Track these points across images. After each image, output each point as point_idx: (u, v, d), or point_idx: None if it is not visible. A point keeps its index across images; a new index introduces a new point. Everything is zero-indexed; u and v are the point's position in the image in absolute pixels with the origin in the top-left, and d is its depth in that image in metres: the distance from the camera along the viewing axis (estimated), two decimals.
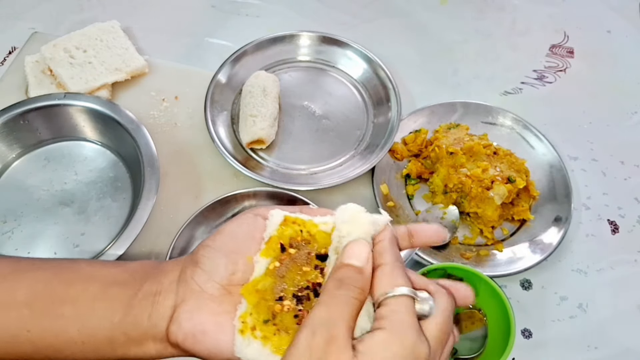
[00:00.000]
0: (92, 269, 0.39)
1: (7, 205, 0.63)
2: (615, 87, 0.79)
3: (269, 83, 0.69)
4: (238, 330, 0.35)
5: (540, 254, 0.61)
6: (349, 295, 0.33)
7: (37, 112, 0.64)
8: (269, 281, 0.36)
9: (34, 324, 0.36)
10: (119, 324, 0.36)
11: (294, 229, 0.38)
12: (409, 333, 0.32)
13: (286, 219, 0.39)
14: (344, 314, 0.32)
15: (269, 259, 0.37)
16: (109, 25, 0.74)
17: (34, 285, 0.37)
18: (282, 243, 0.38)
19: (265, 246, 0.38)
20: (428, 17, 0.85)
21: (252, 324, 0.35)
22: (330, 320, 0.32)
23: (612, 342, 0.59)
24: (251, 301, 0.36)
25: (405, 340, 0.31)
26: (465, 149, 0.63)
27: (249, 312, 0.36)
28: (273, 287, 0.36)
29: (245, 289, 0.37)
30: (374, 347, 0.31)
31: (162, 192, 0.62)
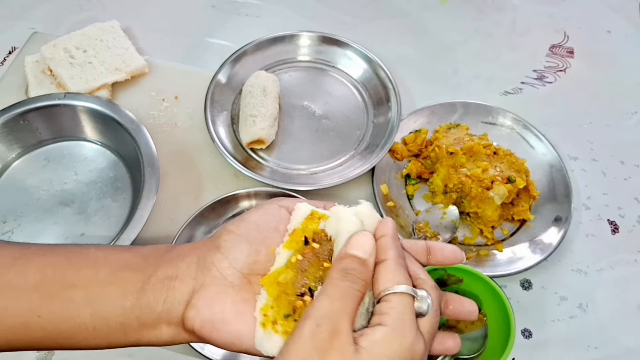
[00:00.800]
0: (102, 253, 0.38)
1: (7, 205, 0.63)
2: (615, 87, 0.79)
3: (269, 83, 0.69)
4: (260, 323, 0.35)
5: (540, 254, 0.61)
6: (352, 287, 0.33)
7: (37, 112, 0.64)
8: (291, 274, 0.36)
9: (45, 308, 0.36)
10: (132, 308, 0.36)
11: (319, 224, 0.38)
12: (408, 331, 0.32)
13: (312, 214, 0.39)
14: (347, 306, 0.32)
15: (291, 251, 0.37)
16: (109, 25, 0.74)
17: (43, 269, 0.36)
18: (306, 236, 0.37)
19: (288, 238, 0.38)
20: (428, 17, 0.85)
21: (273, 318, 0.35)
22: (334, 313, 0.32)
23: (612, 342, 0.59)
24: (272, 293, 0.36)
25: (405, 339, 0.32)
26: (465, 149, 0.63)
27: (270, 304, 0.35)
28: (294, 281, 0.36)
29: (266, 279, 0.36)
30: (375, 344, 0.31)
31: (162, 192, 0.62)
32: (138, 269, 0.37)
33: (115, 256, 0.38)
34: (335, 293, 0.33)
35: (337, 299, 0.33)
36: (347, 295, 0.33)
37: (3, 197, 0.63)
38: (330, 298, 0.33)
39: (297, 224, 0.38)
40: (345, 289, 0.33)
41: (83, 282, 0.36)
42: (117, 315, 0.36)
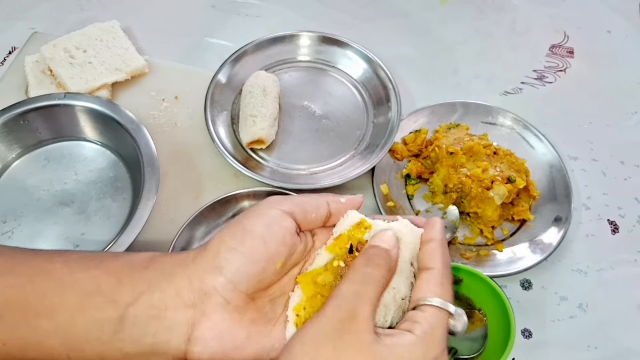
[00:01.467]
0: (69, 271, 0.33)
1: (7, 205, 0.63)
2: (615, 87, 0.79)
3: (269, 83, 0.69)
4: (293, 323, 0.34)
5: (540, 254, 0.61)
6: (375, 273, 0.33)
7: (37, 112, 0.64)
8: (330, 278, 0.36)
9: (9, 336, 0.32)
10: (110, 341, 0.32)
11: (365, 234, 0.37)
12: (436, 346, 0.31)
13: (361, 222, 0.38)
14: (368, 291, 0.32)
15: (333, 255, 0.37)
16: (109, 25, 0.74)
17: (4, 293, 0.33)
18: (352, 244, 0.37)
19: (333, 242, 0.37)
20: (428, 17, 0.85)
21: (305, 317, 0.35)
22: (354, 296, 0.31)
23: (612, 342, 0.59)
24: (307, 292, 0.35)
25: (429, 351, 0.31)
26: (465, 149, 0.63)
27: (302, 304, 0.35)
28: (331, 285, 0.35)
29: (303, 277, 0.36)
30: (398, 346, 0.30)
31: (162, 192, 0.62)
32: (110, 296, 0.32)
33: (84, 275, 0.33)
34: (357, 277, 0.32)
35: (358, 283, 0.32)
36: (368, 280, 0.32)
37: (3, 197, 0.63)
38: (352, 282, 0.32)
39: (344, 229, 0.37)
40: (366, 274, 0.32)
41: (48, 310, 0.32)
42: (94, 347, 0.32)
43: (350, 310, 0.30)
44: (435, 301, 0.32)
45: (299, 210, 0.35)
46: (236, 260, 0.32)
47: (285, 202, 0.35)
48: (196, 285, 0.32)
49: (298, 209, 0.35)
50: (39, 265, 0.34)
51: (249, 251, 0.32)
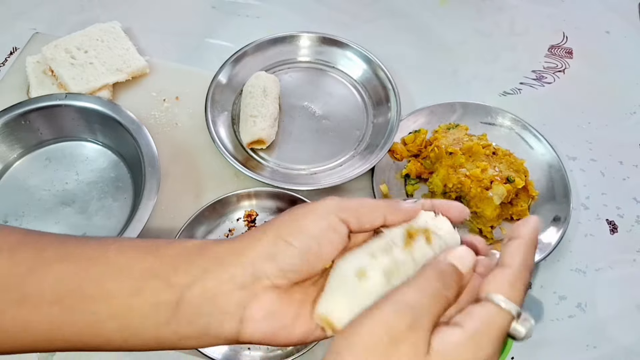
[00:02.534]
0: (124, 259, 0.34)
1: (9, 205, 0.63)
2: (614, 87, 0.79)
3: (269, 83, 0.69)
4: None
5: (539, 254, 0.61)
6: (444, 291, 0.30)
7: (38, 112, 0.65)
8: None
9: (67, 322, 0.33)
10: (167, 324, 0.32)
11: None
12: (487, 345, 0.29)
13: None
14: (434, 307, 0.29)
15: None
16: (109, 26, 0.74)
17: (61, 281, 0.33)
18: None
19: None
20: (427, 18, 0.85)
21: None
22: (420, 306, 0.29)
23: (611, 342, 0.59)
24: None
25: (480, 350, 0.28)
26: (465, 149, 0.64)
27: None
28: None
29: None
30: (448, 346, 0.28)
31: (163, 192, 0.62)
32: (167, 280, 0.33)
33: (139, 261, 0.34)
34: (427, 289, 0.30)
35: (427, 295, 0.30)
36: (437, 296, 0.30)
37: (4, 197, 0.64)
38: (420, 292, 0.30)
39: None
40: (437, 289, 0.30)
41: (105, 295, 0.33)
42: (151, 330, 0.33)
43: (412, 321, 0.28)
44: (497, 298, 0.30)
45: (355, 220, 0.34)
46: (290, 253, 0.33)
47: (344, 210, 0.34)
48: (249, 271, 0.33)
49: (354, 218, 0.34)
50: (93, 251, 0.35)
51: (303, 248, 0.33)
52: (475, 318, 0.29)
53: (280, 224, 0.34)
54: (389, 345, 0.28)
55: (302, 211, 0.35)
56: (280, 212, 0.64)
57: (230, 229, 0.63)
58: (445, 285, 0.30)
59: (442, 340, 0.28)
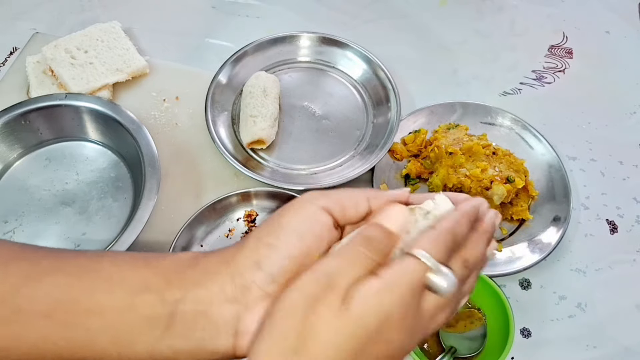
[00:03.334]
0: (117, 270, 0.33)
1: (9, 205, 0.63)
2: (613, 87, 0.79)
3: (269, 84, 0.69)
4: None
5: (539, 254, 0.61)
6: (367, 255, 0.31)
7: (38, 112, 0.65)
8: None
9: (59, 336, 0.32)
10: (161, 338, 0.32)
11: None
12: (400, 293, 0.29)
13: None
14: (353, 271, 0.30)
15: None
16: (109, 26, 0.74)
17: (53, 292, 0.33)
18: None
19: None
20: (427, 18, 0.85)
21: None
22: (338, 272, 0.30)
23: (611, 342, 0.59)
24: None
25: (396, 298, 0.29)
26: (465, 149, 0.64)
27: None
28: None
29: None
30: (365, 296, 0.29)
31: (163, 192, 0.62)
32: (160, 293, 0.32)
33: (132, 274, 0.33)
34: (348, 256, 0.31)
35: (346, 262, 0.30)
36: (358, 260, 0.30)
37: (4, 197, 0.64)
38: (341, 259, 0.31)
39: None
40: (359, 253, 0.31)
41: (98, 308, 0.32)
42: (145, 345, 0.32)
43: (328, 284, 0.29)
44: (416, 252, 0.31)
45: (336, 206, 0.33)
46: (274, 256, 0.32)
47: (322, 197, 0.34)
48: (237, 281, 0.32)
49: (335, 204, 0.33)
50: (86, 264, 0.34)
51: (285, 247, 0.32)
52: (393, 269, 0.30)
53: (262, 226, 0.34)
54: (307, 308, 0.29)
55: (283, 209, 0.34)
56: None
57: (230, 229, 0.63)
58: (370, 248, 0.31)
59: (358, 290, 0.29)
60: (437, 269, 0.31)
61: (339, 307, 0.29)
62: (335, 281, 0.30)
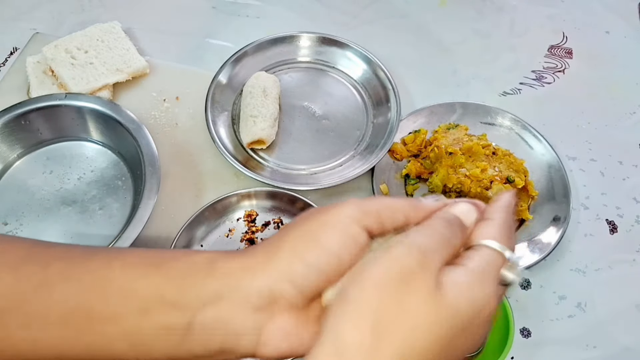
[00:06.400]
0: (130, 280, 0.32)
1: (9, 205, 0.63)
2: (613, 87, 0.79)
3: (269, 84, 0.69)
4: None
5: (539, 254, 0.61)
6: (451, 239, 0.30)
7: (38, 112, 0.65)
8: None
9: (76, 341, 0.32)
10: (180, 345, 0.31)
11: None
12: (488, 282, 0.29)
13: None
14: (442, 251, 0.29)
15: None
16: (110, 26, 0.75)
17: (67, 301, 0.32)
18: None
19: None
20: (427, 18, 0.85)
21: None
22: (429, 249, 0.29)
23: (611, 342, 0.59)
24: None
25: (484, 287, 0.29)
26: (465, 149, 0.64)
27: None
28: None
29: None
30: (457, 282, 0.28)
31: (163, 191, 0.62)
32: (175, 303, 0.31)
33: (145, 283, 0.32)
34: (435, 234, 0.30)
35: (435, 239, 0.29)
36: (445, 241, 0.30)
37: (4, 198, 0.64)
38: (429, 236, 0.29)
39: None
40: (445, 235, 0.30)
41: (113, 316, 0.32)
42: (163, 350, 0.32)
43: (422, 261, 0.28)
44: (489, 242, 0.30)
45: (376, 225, 0.32)
46: (310, 276, 0.31)
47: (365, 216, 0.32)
48: (265, 293, 0.31)
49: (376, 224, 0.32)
50: (96, 270, 0.33)
51: (324, 268, 0.31)
52: (475, 259, 0.30)
53: (296, 239, 0.31)
54: (401, 282, 0.27)
55: (319, 222, 0.32)
56: (280, 212, 0.64)
57: (230, 229, 0.63)
58: (451, 232, 0.31)
59: (449, 278, 0.29)
60: (511, 261, 0.31)
61: (434, 289, 0.28)
62: (428, 259, 0.28)
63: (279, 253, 0.31)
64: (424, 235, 0.30)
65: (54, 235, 0.61)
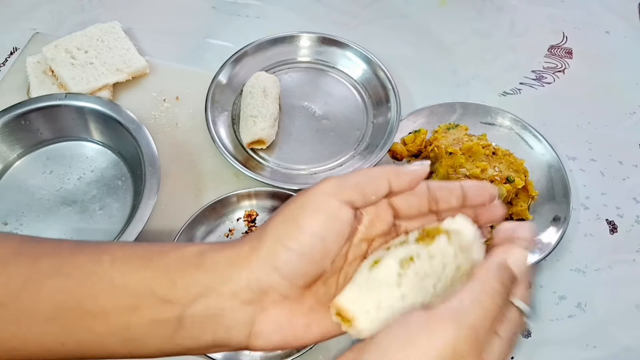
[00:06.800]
0: (119, 274, 0.32)
1: (9, 205, 0.63)
2: (613, 87, 0.79)
3: (269, 84, 0.69)
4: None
5: (539, 254, 0.61)
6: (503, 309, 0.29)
7: (38, 112, 0.65)
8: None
9: (66, 338, 0.32)
10: (171, 338, 0.31)
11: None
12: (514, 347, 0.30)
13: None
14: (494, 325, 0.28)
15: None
16: (110, 26, 0.74)
17: (55, 297, 0.32)
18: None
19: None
20: (427, 19, 0.85)
21: None
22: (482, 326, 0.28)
23: (611, 342, 0.59)
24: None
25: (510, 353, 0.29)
26: (465, 149, 0.64)
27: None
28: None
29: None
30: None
31: (163, 191, 0.62)
32: (165, 297, 0.31)
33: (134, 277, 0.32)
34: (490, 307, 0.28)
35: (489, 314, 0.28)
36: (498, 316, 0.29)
37: (4, 197, 0.64)
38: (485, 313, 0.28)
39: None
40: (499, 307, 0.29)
41: (102, 312, 0.31)
42: (154, 344, 0.32)
43: (475, 343, 0.27)
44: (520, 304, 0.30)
45: (358, 196, 0.31)
46: (294, 261, 0.30)
47: (344, 189, 0.31)
48: (254, 286, 0.30)
49: (358, 195, 0.31)
50: (85, 265, 0.33)
51: (307, 251, 0.30)
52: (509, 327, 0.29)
53: (277, 225, 0.31)
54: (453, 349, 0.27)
55: (298, 204, 0.31)
56: None
57: (230, 229, 0.63)
58: (505, 300, 0.29)
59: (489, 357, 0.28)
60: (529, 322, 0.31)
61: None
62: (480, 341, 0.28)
63: (262, 242, 0.31)
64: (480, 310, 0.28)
65: (54, 235, 0.61)
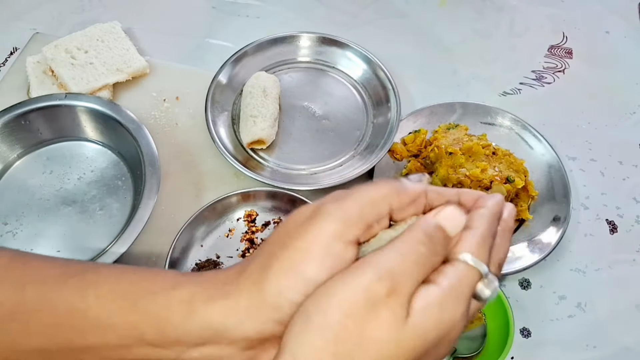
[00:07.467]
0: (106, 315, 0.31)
1: (9, 205, 0.63)
2: (613, 87, 0.79)
3: (269, 84, 0.69)
4: None
5: (539, 254, 0.61)
6: (430, 258, 0.28)
7: (38, 112, 0.65)
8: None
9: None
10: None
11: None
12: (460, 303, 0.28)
13: None
14: (418, 274, 0.28)
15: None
16: (110, 26, 0.74)
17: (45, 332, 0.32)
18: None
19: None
20: (427, 19, 0.85)
21: None
22: (403, 273, 0.27)
23: (611, 342, 0.59)
24: None
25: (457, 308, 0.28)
26: (464, 149, 0.64)
27: None
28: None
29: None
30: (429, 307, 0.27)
31: (163, 191, 0.62)
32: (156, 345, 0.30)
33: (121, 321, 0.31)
34: (411, 254, 0.28)
35: (410, 261, 0.28)
36: (422, 262, 0.28)
37: (5, 198, 0.64)
38: (403, 257, 0.28)
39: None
40: (422, 254, 0.28)
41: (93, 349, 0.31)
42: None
43: (392, 288, 0.27)
44: (466, 257, 0.29)
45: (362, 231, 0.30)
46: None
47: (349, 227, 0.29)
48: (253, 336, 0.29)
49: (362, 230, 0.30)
50: (70, 299, 0.32)
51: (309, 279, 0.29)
52: (449, 276, 0.28)
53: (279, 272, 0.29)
54: (368, 310, 0.26)
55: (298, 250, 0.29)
56: (280, 212, 0.64)
57: (230, 229, 0.63)
58: (430, 249, 0.28)
59: (420, 303, 0.27)
60: (487, 277, 0.29)
61: (402, 318, 0.27)
62: (399, 284, 0.27)
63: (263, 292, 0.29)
64: (398, 255, 0.28)
65: (54, 235, 0.61)
